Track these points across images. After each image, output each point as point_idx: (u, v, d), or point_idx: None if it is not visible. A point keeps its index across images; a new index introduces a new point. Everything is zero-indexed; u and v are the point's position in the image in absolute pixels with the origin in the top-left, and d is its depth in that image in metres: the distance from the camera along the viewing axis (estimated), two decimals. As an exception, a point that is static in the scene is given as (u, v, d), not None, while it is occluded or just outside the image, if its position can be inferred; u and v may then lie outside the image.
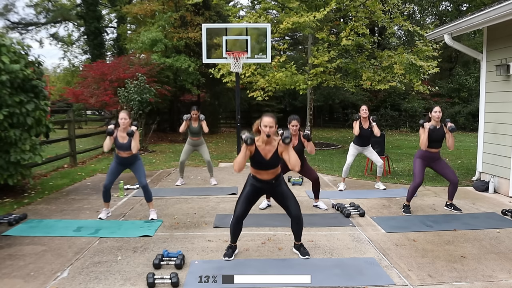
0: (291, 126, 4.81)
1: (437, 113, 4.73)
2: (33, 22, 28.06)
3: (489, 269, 3.27)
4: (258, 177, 3.45)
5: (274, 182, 3.48)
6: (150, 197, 4.73)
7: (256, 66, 11.42)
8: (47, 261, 3.46)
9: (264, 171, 3.41)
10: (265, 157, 3.35)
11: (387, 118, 20.47)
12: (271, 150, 3.36)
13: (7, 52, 5.23)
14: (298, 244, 3.64)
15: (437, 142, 4.79)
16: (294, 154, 3.34)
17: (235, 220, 3.49)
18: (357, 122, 6.01)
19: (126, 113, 4.62)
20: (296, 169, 3.39)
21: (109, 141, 4.52)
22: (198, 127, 6.44)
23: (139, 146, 4.62)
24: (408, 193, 4.97)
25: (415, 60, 10.67)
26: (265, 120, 3.30)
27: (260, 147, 3.34)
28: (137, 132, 4.59)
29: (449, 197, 5.04)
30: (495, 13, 5.30)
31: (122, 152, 4.62)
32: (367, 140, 6.11)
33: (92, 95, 12.42)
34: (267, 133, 3.27)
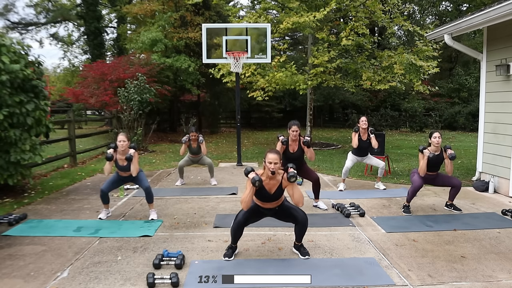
0: (291, 131, 4.81)
1: (436, 139, 4.72)
2: (33, 22, 28.07)
3: (489, 269, 3.27)
4: (262, 206, 3.50)
5: (277, 209, 3.54)
6: (151, 199, 4.73)
7: (256, 66, 11.42)
8: (47, 261, 3.46)
9: (268, 203, 3.47)
10: (269, 191, 3.40)
11: (387, 118, 20.47)
12: (275, 185, 3.40)
13: (7, 52, 5.23)
14: (299, 244, 3.64)
15: (435, 167, 4.82)
16: (298, 190, 3.39)
17: (236, 225, 3.50)
18: (356, 134, 6.02)
19: (125, 135, 4.61)
20: (300, 205, 3.44)
21: (109, 166, 4.54)
22: (197, 148, 6.46)
23: (138, 169, 4.64)
24: (408, 194, 4.97)
25: (415, 60, 10.67)
26: (270, 157, 3.33)
27: (265, 182, 3.37)
28: (135, 155, 4.58)
29: (449, 198, 5.04)
30: (495, 13, 5.30)
31: (123, 173, 4.66)
32: (365, 151, 6.14)
33: (92, 95, 12.43)
34: (272, 170, 3.30)
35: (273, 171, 3.30)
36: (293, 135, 4.83)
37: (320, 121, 23.55)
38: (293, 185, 3.38)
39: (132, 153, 4.53)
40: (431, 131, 4.89)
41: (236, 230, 3.50)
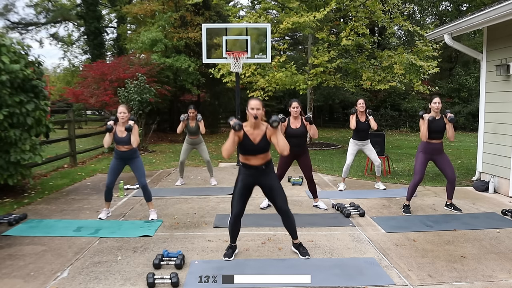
0: (292, 108, 4.77)
1: (436, 104, 4.72)
2: (33, 22, 28.09)
3: (489, 269, 3.27)
4: (247, 163, 3.41)
5: (264, 168, 3.43)
6: (149, 197, 4.73)
7: (256, 66, 11.42)
8: (47, 261, 3.46)
9: (253, 156, 3.38)
10: (254, 141, 3.34)
11: (387, 118, 20.48)
12: (259, 134, 3.35)
13: (7, 52, 5.23)
14: (297, 243, 3.63)
15: (438, 133, 4.77)
16: (282, 138, 3.34)
17: (233, 219, 3.48)
18: (353, 116, 5.97)
19: (125, 107, 4.62)
20: (285, 153, 3.36)
21: (109, 138, 4.53)
22: (196, 127, 6.42)
23: (138, 140, 4.61)
24: (408, 191, 4.97)
25: (415, 60, 10.67)
26: (252, 103, 3.31)
27: (249, 132, 3.34)
28: (135, 126, 4.58)
29: (448, 197, 5.04)
30: (495, 13, 5.30)
31: (121, 146, 4.61)
32: (365, 134, 6.06)
33: (92, 95, 12.42)
34: (255, 115, 3.27)
35: (256, 116, 3.26)
36: (294, 112, 4.78)
37: (320, 121, 23.55)
38: (277, 133, 3.31)
39: (131, 124, 4.51)
40: (432, 96, 4.89)
41: (234, 225, 3.48)
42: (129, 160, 4.68)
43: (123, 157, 4.66)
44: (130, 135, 4.52)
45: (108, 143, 4.53)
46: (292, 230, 3.58)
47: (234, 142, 3.28)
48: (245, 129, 3.33)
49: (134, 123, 4.55)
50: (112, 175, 4.69)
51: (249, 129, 3.34)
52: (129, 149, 4.60)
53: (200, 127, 6.38)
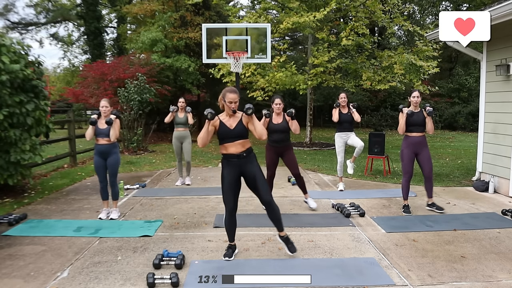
0: (274, 105, 4.85)
1: (415, 98, 4.83)
2: (33, 22, 28.08)
3: (489, 269, 3.27)
4: (227, 153, 3.41)
5: (244, 155, 3.41)
6: (116, 196, 4.82)
7: (256, 66, 11.42)
8: (47, 261, 3.46)
9: (231, 143, 3.38)
10: (230, 127, 3.37)
11: (387, 118, 20.46)
12: (236, 120, 3.39)
13: (7, 52, 5.23)
14: (284, 236, 3.56)
15: (417, 126, 4.83)
16: (259, 124, 3.39)
17: (228, 214, 3.48)
18: (336, 110, 5.95)
19: (107, 101, 4.73)
20: (263, 138, 3.40)
21: (91, 130, 4.62)
22: (184, 118, 6.46)
23: (117, 135, 4.67)
24: (403, 190, 4.98)
25: (415, 60, 10.67)
26: (229, 96, 3.34)
27: (225, 120, 3.40)
28: (117, 121, 4.63)
29: (428, 195, 5.00)
30: (495, 13, 5.30)
31: (101, 139, 4.65)
32: (349, 125, 5.99)
33: (92, 95, 12.43)
34: (233, 109, 3.32)
35: (234, 110, 3.31)
36: (277, 108, 4.84)
37: (320, 121, 23.55)
38: (253, 120, 3.34)
39: (112, 117, 4.57)
40: (411, 90, 4.99)
41: (230, 220, 3.47)
42: (107, 154, 4.69)
43: (102, 151, 4.68)
44: (110, 128, 4.57)
45: (90, 136, 4.63)
46: (277, 221, 3.52)
47: (208, 131, 3.33)
48: (221, 118, 3.41)
49: (116, 118, 4.62)
50: (99, 172, 4.73)
51: (225, 117, 3.42)
52: (108, 142, 4.64)
53: (188, 118, 6.43)
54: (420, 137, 4.86)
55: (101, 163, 4.70)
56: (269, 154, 4.95)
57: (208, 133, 3.33)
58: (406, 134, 4.89)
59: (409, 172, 4.90)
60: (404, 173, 4.95)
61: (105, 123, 4.56)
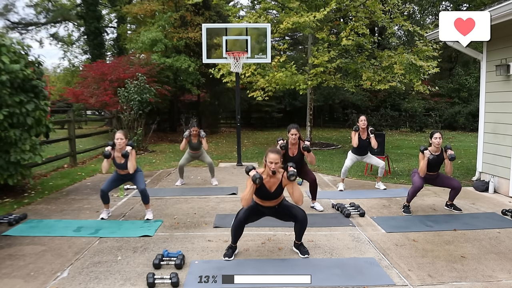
0: (290, 135, 4.79)
1: (437, 140, 4.69)
2: (33, 22, 28.06)
3: (489, 269, 3.27)
4: (262, 204, 3.51)
5: (277, 207, 3.53)
6: (147, 200, 4.73)
7: (256, 66, 11.42)
8: (47, 261, 3.46)
9: (268, 201, 3.48)
10: (270, 189, 3.41)
11: (387, 118, 20.46)
12: (275, 183, 3.42)
13: (7, 52, 5.23)
14: (298, 243, 3.65)
15: (436, 167, 4.81)
16: (298, 188, 3.42)
17: (237, 223, 3.50)
18: (356, 134, 6.00)
19: (122, 133, 4.61)
20: (299, 204, 3.45)
21: (107, 164, 4.53)
22: (198, 143, 6.41)
23: (135, 166, 4.62)
24: (408, 195, 4.96)
25: (415, 60, 10.67)
26: (271, 156, 3.35)
27: (265, 180, 3.39)
28: (133, 152, 4.57)
29: (450, 199, 5.05)
30: (495, 13, 5.30)
31: (121, 171, 4.65)
32: (365, 150, 6.12)
33: (92, 95, 12.42)
34: (273, 170, 3.33)
35: (274, 170, 3.33)
36: (292, 139, 4.80)
37: (320, 121, 23.54)
38: (293, 184, 3.39)
39: (128, 150, 4.51)
40: (432, 131, 4.87)
41: (237, 229, 3.50)
42: (130, 179, 4.76)
43: (124, 178, 4.76)
44: (127, 161, 4.53)
45: (106, 169, 4.56)
46: (300, 234, 3.62)
47: (252, 192, 3.34)
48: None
49: (132, 149, 4.55)
50: (110, 184, 4.69)
51: (266, 177, 3.40)
52: (128, 172, 4.62)
53: (203, 143, 6.36)
54: (435, 175, 4.87)
55: (117, 183, 4.77)
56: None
57: (252, 194, 3.36)
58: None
59: (420, 185, 4.84)
60: (414, 183, 4.88)
61: (122, 156, 4.48)
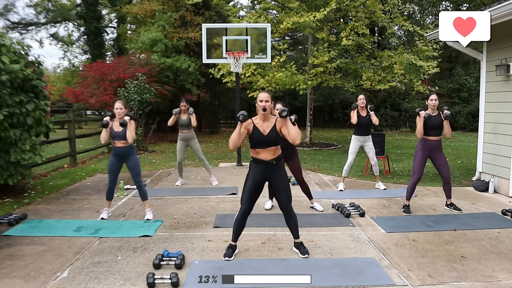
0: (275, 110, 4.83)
1: (433, 101, 4.78)
2: (33, 22, 28.07)
3: (489, 269, 3.27)
4: (257, 157, 3.43)
5: (274, 163, 3.44)
6: (145, 196, 4.74)
7: (256, 66, 11.42)
8: (47, 261, 3.46)
9: (263, 149, 3.40)
10: (264, 133, 3.38)
11: (387, 118, 20.47)
12: (269, 126, 3.40)
13: (7, 52, 5.23)
14: (298, 242, 3.64)
15: (435, 130, 4.79)
16: (293, 127, 3.37)
17: (241, 214, 3.50)
18: (354, 111, 5.98)
19: (122, 103, 4.66)
20: (297, 142, 3.38)
21: (105, 133, 4.56)
22: (188, 120, 6.42)
23: (134, 135, 4.64)
24: (408, 190, 4.97)
25: (415, 60, 10.67)
26: (261, 95, 3.38)
27: (258, 124, 3.40)
28: (132, 122, 4.60)
29: (447, 196, 5.05)
30: (495, 13, 5.30)
31: (117, 142, 4.62)
32: (367, 128, 6.05)
33: (92, 95, 12.42)
34: (263, 107, 3.32)
35: (265, 107, 3.31)
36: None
37: (320, 121, 23.55)
38: (287, 124, 3.34)
39: (127, 119, 4.54)
40: (429, 93, 4.94)
41: (241, 221, 3.50)
42: (125, 157, 4.67)
43: (120, 153, 4.65)
44: (125, 130, 4.55)
45: (104, 139, 4.58)
46: (294, 228, 3.60)
47: (240, 133, 3.32)
48: (255, 122, 3.40)
49: (130, 119, 4.59)
50: (112, 173, 4.70)
51: (259, 121, 3.41)
52: (126, 144, 4.61)
53: (191, 120, 6.40)
54: (437, 141, 4.85)
55: (116, 165, 4.69)
56: None
57: (240, 136, 3.33)
58: (424, 138, 4.84)
59: (419, 173, 4.87)
60: (413, 172, 4.92)
61: (120, 125, 4.50)
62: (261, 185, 3.53)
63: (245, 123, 3.33)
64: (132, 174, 4.72)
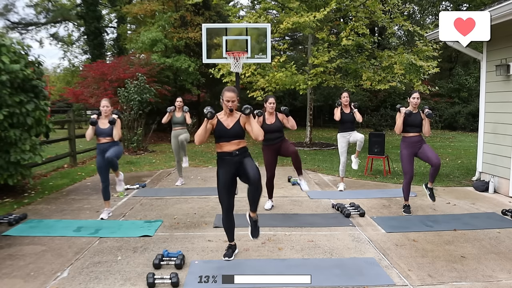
0: (268, 103, 4.89)
1: (415, 99, 4.79)
2: (33, 22, 28.05)
3: (489, 269, 3.27)
4: (221, 151, 3.42)
5: (237, 153, 3.38)
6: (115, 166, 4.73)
7: (256, 66, 11.42)
8: (47, 261, 3.46)
9: (227, 142, 3.39)
10: (227, 126, 3.39)
11: (387, 118, 20.45)
12: (233, 121, 3.41)
13: (7, 52, 5.23)
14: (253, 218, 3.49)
15: (414, 127, 4.79)
16: (256, 125, 3.42)
17: (224, 214, 3.49)
18: (338, 109, 5.95)
19: (108, 101, 4.74)
20: (259, 139, 3.43)
21: (91, 131, 4.63)
22: (182, 118, 6.45)
23: (120, 134, 4.69)
24: (403, 191, 4.97)
25: (415, 60, 10.67)
26: (227, 95, 3.37)
27: (223, 119, 3.42)
28: (118, 121, 4.66)
29: (430, 180, 4.93)
30: (495, 13, 5.30)
31: (102, 138, 4.65)
32: (351, 125, 5.99)
33: (92, 95, 12.43)
34: (230, 107, 3.34)
35: (231, 108, 3.34)
36: (270, 107, 4.87)
37: (320, 121, 23.54)
38: (250, 120, 3.38)
39: (115, 117, 4.61)
40: (411, 91, 4.97)
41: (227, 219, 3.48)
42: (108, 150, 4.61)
43: (104, 148, 4.64)
44: (112, 127, 4.59)
45: (90, 136, 4.65)
46: (253, 200, 3.41)
47: (206, 128, 3.35)
48: (219, 117, 3.43)
49: (117, 117, 4.64)
50: (102, 172, 4.72)
51: (223, 116, 3.44)
52: (110, 141, 4.65)
53: (186, 117, 6.43)
54: (417, 137, 4.83)
55: (103, 162, 4.68)
56: (266, 154, 4.94)
57: (206, 131, 3.36)
58: (403, 135, 4.87)
59: (409, 173, 4.88)
60: (404, 173, 4.94)
61: (108, 122, 4.57)
62: (233, 180, 3.47)
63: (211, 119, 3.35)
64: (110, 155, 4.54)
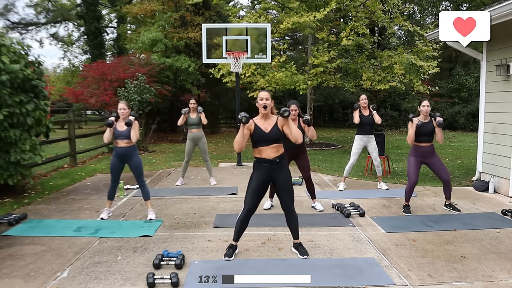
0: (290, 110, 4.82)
1: (425, 107, 4.76)
2: (33, 22, 28.06)
3: (489, 269, 3.27)
4: (260, 157, 3.42)
5: (277, 161, 3.41)
6: (148, 195, 4.76)
7: (256, 66, 11.42)
8: (47, 261, 3.46)
9: (266, 146, 3.39)
10: (265, 130, 3.38)
11: (387, 118, 20.45)
12: (271, 124, 3.41)
13: (7, 52, 5.23)
14: (297, 243, 3.63)
15: (426, 136, 4.79)
16: (295, 127, 3.41)
17: (244, 214, 3.48)
18: (357, 111, 6.03)
19: (125, 103, 4.71)
20: (299, 141, 3.44)
21: (109, 133, 4.57)
22: (197, 119, 6.48)
23: (138, 136, 4.66)
24: (405, 193, 4.97)
25: (415, 60, 10.67)
26: (261, 94, 3.42)
27: (260, 123, 3.42)
28: (136, 122, 4.62)
29: (446, 197, 5.04)
30: (495, 13, 5.30)
31: (120, 141, 4.61)
32: (369, 127, 6.09)
33: (92, 95, 12.42)
34: (264, 105, 3.35)
35: (265, 105, 3.34)
36: (292, 114, 4.82)
37: (320, 121, 23.54)
38: (288, 123, 3.38)
39: (132, 119, 4.57)
40: (421, 99, 4.95)
41: (244, 220, 3.49)
42: (127, 157, 4.66)
43: (122, 154, 4.64)
44: (130, 129, 4.56)
45: (108, 138, 4.59)
46: (295, 228, 3.59)
47: (244, 134, 3.34)
48: (256, 121, 3.42)
49: (134, 119, 4.60)
50: (114, 173, 4.71)
51: (260, 120, 3.43)
52: (128, 144, 4.61)
53: (201, 118, 6.46)
54: (429, 147, 4.83)
55: (118, 166, 4.69)
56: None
57: (244, 137, 3.35)
58: (415, 144, 4.83)
59: (414, 178, 4.87)
60: (409, 177, 4.93)
61: (125, 124, 4.53)
62: (266, 186, 3.53)
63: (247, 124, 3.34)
64: (135, 174, 4.73)
